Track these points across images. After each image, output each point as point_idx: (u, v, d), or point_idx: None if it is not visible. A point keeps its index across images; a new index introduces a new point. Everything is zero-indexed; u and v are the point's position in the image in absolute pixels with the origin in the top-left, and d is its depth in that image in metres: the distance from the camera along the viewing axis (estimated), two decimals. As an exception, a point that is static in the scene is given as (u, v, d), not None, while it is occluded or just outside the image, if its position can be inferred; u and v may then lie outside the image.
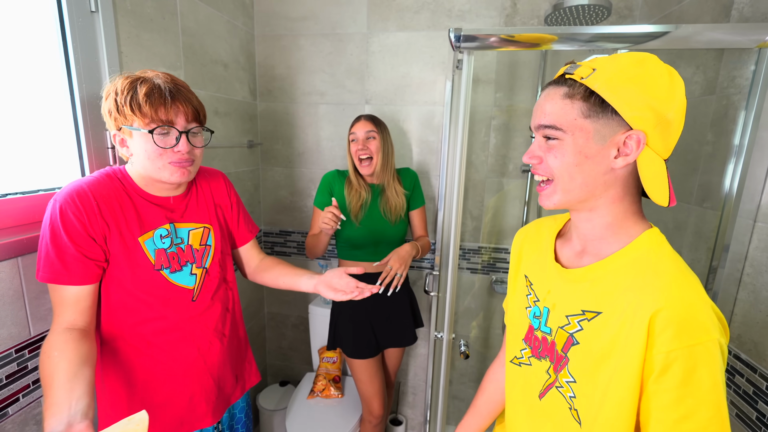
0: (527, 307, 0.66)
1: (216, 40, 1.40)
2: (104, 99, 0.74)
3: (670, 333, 0.46)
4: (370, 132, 1.30)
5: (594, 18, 1.17)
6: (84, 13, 0.91)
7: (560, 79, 0.54)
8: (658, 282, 0.49)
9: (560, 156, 0.53)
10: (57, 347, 0.66)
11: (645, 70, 0.49)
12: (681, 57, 1.14)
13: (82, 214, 0.70)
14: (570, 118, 0.51)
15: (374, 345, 1.41)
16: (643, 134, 0.49)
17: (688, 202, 1.07)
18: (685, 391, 0.46)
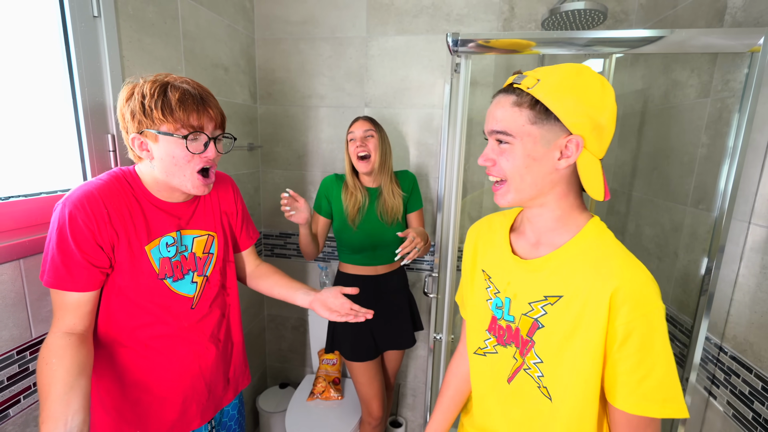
0: (488, 300, 0.70)
1: (216, 43, 1.42)
2: (124, 100, 0.72)
3: (628, 307, 0.54)
4: (368, 131, 1.31)
5: (590, 22, 1.18)
6: (86, 18, 0.92)
7: (509, 88, 0.60)
8: (612, 264, 0.57)
9: (511, 159, 0.59)
10: (55, 353, 0.66)
11: (581, 81, 0.56)
12: (676, 61, 1.15)
13: (92, 222, 0.69)
14: (519, 124, 0.57)
15: (373, 348, 1.41)
16: (582, 138, 0.56)
17: (683, 203, 1.08)
18: (643, 354, 0.54)
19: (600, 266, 0.57)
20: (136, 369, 0.79)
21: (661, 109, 1.22)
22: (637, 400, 0.55)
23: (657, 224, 1.21)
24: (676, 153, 1.14)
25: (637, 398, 0.55)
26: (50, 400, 0.62)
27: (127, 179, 0.77)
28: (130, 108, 0.71)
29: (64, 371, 0.64)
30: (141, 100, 0.70)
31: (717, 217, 0.90)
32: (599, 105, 0.56)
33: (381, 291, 1.42)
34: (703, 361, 0.97)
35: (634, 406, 0.55)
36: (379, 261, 1.40)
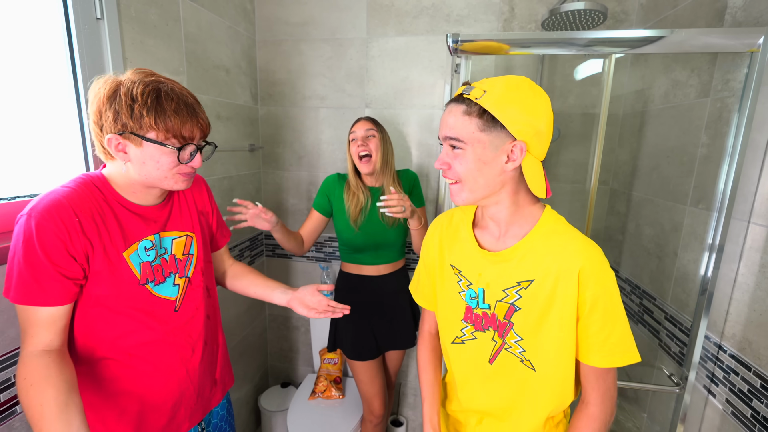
0: (460, 292, 0.76)
1: (218, 45, 1.43)
2: (104, 97, 0.67)
3: (593, 280, 0.64)
4: (370, 130, 1.31)
5: (590, 22, 1.18)
6: (90, 20, 0.93)
7: (459, 98, 0.66)
8: (573, 246, 0.66)
9: (464, 163, 0.65)
10: (39, 374, 0.62)
11: (522, 93, 0.63)
12: (676, 60, 1.16)
13: (63, 232, 0.64)
14: (469, 131, 0.63)
15: (374, 347, 1.42)
16: (525, 144, 0.63)
17: (683, 203, 1.09)
18: (607, 317, 0.65)
19: (564, 249, 0.66)
20: (121, 379, 0.76)
21: (661, 109, 1.22)
22: (605, 355, 0.66)
23: (657, 224, 1.21)
24: (676, 153, 1.14)
25: (604, 354, 0.66)
26: (47, 421, 0.59)
27: (96, 185, 0.72)
28: (114, 108, 0.67)
29: (54, 390, 0.61)
30: (129, 103, 0.66)
31: (716, 216, 0.91)
32: (539, 114, 0.63)
33: (383, 291, 1.42)
34: (703, 359, 0.97)
35: (603, 360, 0.66)
36: (381, 260, 1.41)
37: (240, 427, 1.80)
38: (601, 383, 0.68)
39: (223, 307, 1.56)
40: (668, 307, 1.14)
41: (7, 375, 0.78)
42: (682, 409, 0.98)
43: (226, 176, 1.54)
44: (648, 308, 1.24)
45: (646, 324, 1.25)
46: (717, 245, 0.91)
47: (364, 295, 1.42)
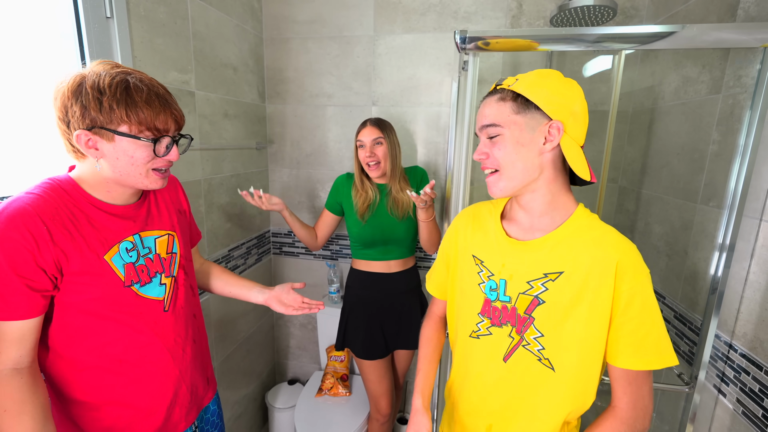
0: (480, 283, 0.74)
1: (225, 43, 1.43)
2: (68, 92, 0.63)
3: (630, 275, 0.62)
4: (378, 138, 1.31)
5: (600, 18, 1.17)
6: (100, 19, 0.94)
7: (493, 91, 0.68)
8: (610, 239, 0.65)
9: (502, 147, 0.65)
10: (12, 398, 0.60)
11: (552, 79, 0.65)
12: (687, 56, 1.14)
13: (31, 242, 0.60)
14: (505, 115, 0.65)
15: (383, 346, 1.42)
16: (561, 123, 0.63)
17: (694, 201, 1.08)
18: (644, 316, 0.62)
19: (599, 242, 0.65)
20: (112, 388, 0.74)
21: (672, 105, 1.21)
22: (640, 356, 0.62)
23: (666, 222, 1.20)
24: (686, 150, 1.13)
25: (639, 355, 0.62)
26: None
27: (65, 188, 0.68)
28: (81, 102, 0.62)
29: (30, 420, 0.60)
30: (97, 96, 0.62)
31: (728, 214, 0.90)
32: (571, 96, 0.64)
33: (393, 289, 1.42)
34: (713, 358, 0.96)
35: (638, 361, 0.63)
36: (390, 256, 1.41)
37: (247, 423, 1.81)
38: (634, 388, 0.64)
39: (229, 305, 1.57)
40: (678, 305, 1.13)
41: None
42: (691, 408, 0.98)
43: (234, 174, 1.55)
44: (657, 307, 1.23)
45: (655, 323, 1.24)
46: (728, 243, 0.90)
47: (374, 293, 1.42)
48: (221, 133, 1.45)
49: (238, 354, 1.66)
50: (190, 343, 0.86)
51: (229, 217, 1.53)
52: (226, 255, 1.53)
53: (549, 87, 0.63)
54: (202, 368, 0.91)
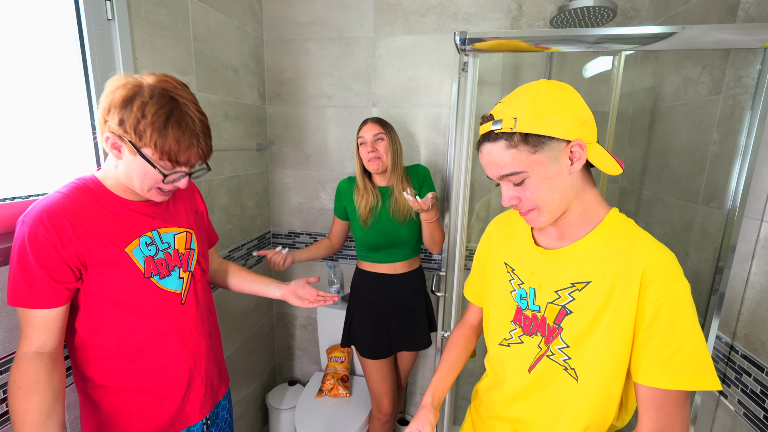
0: (512, 291, 0.73)
1: (226, 45, 1.44)
2: (120, 99, 0.67)
3: (656, 284, 0.57)
4: (378, 134, 1.32)
5: (599, 19, 1.17)
6: (101, 21, 0.94)
7: (490, 136, 0.62)
8: (640, 246, 0.60)
9: (534, 189, 0.62)
10: (29, 377, 0.65)
11: (550, 98, 0.59)
12: (687, 57, 1.14)
13: (55, 239, 0.66)
14: (522, 160, 0.60)
15: (387, 346, 1.42)
16: (582, 141, 0.60)
17: (694, 201, 1.07)
18: (673, 329, 0.56)
19: (628, 249, 0.61)
20: (131, 375, 0.79)
21: (672, 106, 1.21)
22: (669, 374, 0.56)
23: (667, 222, 1.20)
24: (686, 151, 1.13)
25: (668, 373, 0.56)
26: (26, 430, 0.63)
27: (89, 187, 0.74)
28: (123, 114, 0.66)
29: (39, 399, 0.65)
30: (139, 117, 0.66)
31: (728, 215, 0.89)
32: (575, 107, 0.60)
33: (398, 291, 1.43)
34: (714, 360, 0.96)
35: (666, 380, 0.56)
36: (395, 258, 1.41)
37: (248, 424, 1.81)
38: (661, 414, 0.56)
39: (231, 306, 1.57)
40: (679, 307, 1.12)
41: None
42: (692, 410, 0.97)
43: (234, 175, 1.55)
44: (658, 308, 1.23)
45: (656, 324, 1.23)
46: (729, 244, 0.89)
47: (379, 293, 1.42)
48: (222, 134, 1.45)
49: (238, 355, 1.66)
50: (206, 337, 0.90)
51: (230, 218, 1.54)
52: (227, 256, 1.53)
53: (553, 110, 0.59)
54: (217, 362, 0.95)
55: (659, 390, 0.57)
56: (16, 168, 0.82)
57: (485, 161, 0.64)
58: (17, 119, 0.82)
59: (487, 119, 0.63)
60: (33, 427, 0.63)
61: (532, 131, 0.58)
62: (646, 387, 0.58)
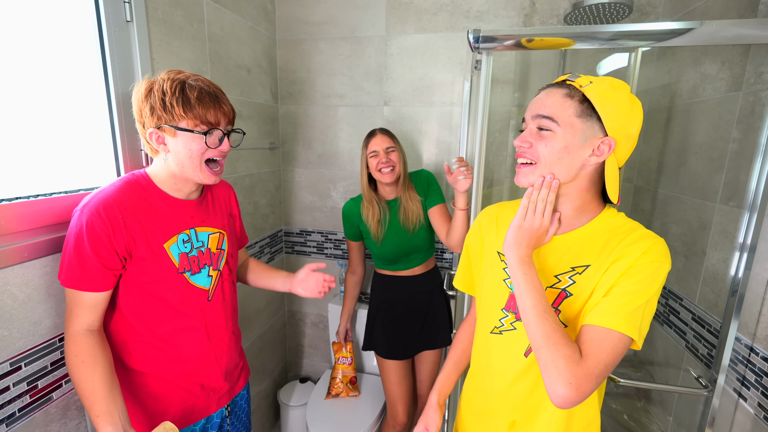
0: (505, 279, 0.74)
1: (240, 45, 1.45)
2: (143, 96, 0.76)
3: (648, 258, 0.60)
4: (390, 147, 1.31)
5: (615, 16, 1.16)
6: (120, 23, 0.96)
7: (561, 83, 0.65)
8: (639, 232, 0.64)
9: (550, 145, 0.64)
10: (88, 352, 0.73)
11: (622, 94, 0.63)
12: (706, 54, 1.12)
13: (109, 229, 0.73)
14: (566, 114, 0.63)
15: (407, 347, 1.43)
16: (615, 141, 0.62)
17: (713, 200, 1.05)
18: (634, 288, 0.59)
19: (627, 235, 0.64)
20: (157, 362, 0.84)
21: (689, 103, 1.19)
22: (604, 315, 0.59)
23: (684, 222, 1.18)
24: (705, 149, 1.10)
25: (604, 314, 0.59)
26: (98, 397, 0.71)
27: (141, 183, 0.81)
28: (150, 104, 0.75)
29: (102, 371, 0.73)
30: (161, 96, 0.74)
31: (749, 214, 0.87)
32: (634, 118, 0.63)
33: (416, 291, 1.43)
34: (733, 362, 0.94)
35: (599, 318, 0.59)
36: (413, 264, 1.42)
37: (260, 420, 1.83)
38: (593, 346, 0.58)
39: (244, 303, 1.59)
40: (696, 307, 1.10)
41: (44, 363, 0.82)
42: (710, 413, 0.96)
43: (248, 174, 1.57)
44: (674, 309, 1.21)
45: (673, 325, 1.21)
46: (749, 244, 0.87)
47: (398, 295, 1.43)
48: (235, 133, 1.47)
49: (251, 351, 1.68)
50: (229, 334, 0.95)
51: (243, 216, 1.55)
52: (240, 254, 1.55)
53: (617, 102, 0.62)
54: (238, 358, 1.00)
55: (591, 326, 0.60)
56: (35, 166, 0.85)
57: (536, 99, 0.67)
58: (39, 119, 0.84)
59: (568, 73, 0.67)
60: (102, 394, 0.71)
61: (593, 100, 0.61)
62: (586, 325, 0.61)
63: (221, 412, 0.95)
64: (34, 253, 0.78)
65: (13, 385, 0.76)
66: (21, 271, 0.77)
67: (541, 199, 0.65)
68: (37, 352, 0.80)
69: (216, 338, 0.91)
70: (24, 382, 0.78)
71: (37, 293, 0.80)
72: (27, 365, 0.78)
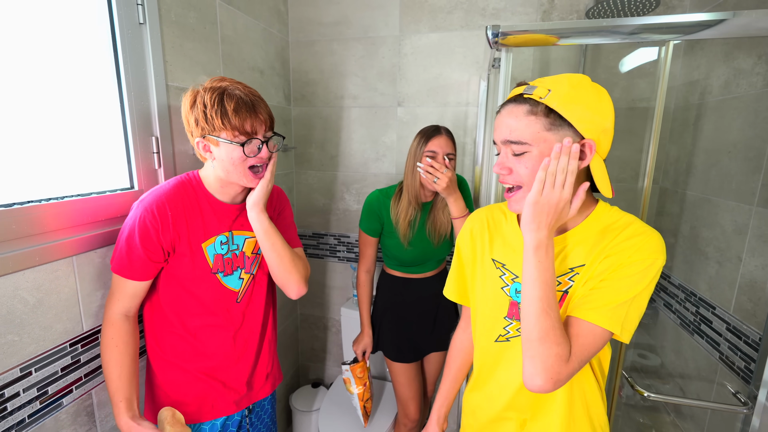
0: (503, 287, 0.72)
1: (253, 47, 1.44)
2: (189, 107, 0.80)
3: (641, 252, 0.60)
4: (451, 155, 1.19)
5: (640, 10, 1.10)
6: (133, 25, 0.95)
7: (518, 98, 0.62)
8: (633, 227, 0.62)
9: (530, 165, 0.61)
10: (121, 338, 0.81)
11: (587, 91, 0.60)
12: (740, 47, 1.05)
13: (158, 225, 0.79)
14: (534, 131, 0.60)
15: (416, 350, 1.40)
16: (594, 142, 0.60)
17: (749, 203, 0.99)
18: (623, 282, 0.59)
19: (623, 230, 0.62)
20: (182, 352, 0.88)
21: (721, 100, 1.12)
22: (587, 309, 0.60)
23: (716, 225, 1.11)
24: (739, 148, 1.04)
25: (587, 308, 0.60)
26: (123, 383, 0.80)
27: (192, 184, 0.86)
28: (194, 116, 0.79)
29: (130, 359, 0.82)
30: (203, 109, 0.78)
31: (792, 217, 0.81)
32: (604, 112, 0.61)
33: (426, 293, 1.39)
34: (775, 376, 0.88)
35: (582, 312, 0.60)
36: (428, 268, 1.39)
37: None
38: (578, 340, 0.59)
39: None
40: (731, 317, 1.04)
41: (55, 369, 0.81)
42: (750, 431, 0.89)
43: (260, 176, 1.55)
44: (706, 318, 1.14)
45: (704, 334, 1.14)
46: (792, 250, 0.81)
47: (407, 297, 1.39)
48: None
49: (263, 356, 1.67)
50: (256, 337, 0.96)
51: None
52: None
53: (584, 103, 0.59)
54: (268, 365, 1.01)
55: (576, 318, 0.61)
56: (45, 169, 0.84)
57: (500, 121, 0.64)
58: (52, 121, 0.84)
59: (521, 84, 0.64)
60: (127, 380, 0.80)
61: (558, 109, 0.58)
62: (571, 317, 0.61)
63: (242, 413, 0.97)
64: (46, 257, 0.77)
65: (23, 391, 0.75)
66: (32, 276, 0.76)
67: (560, 170, 0.59)
68: (48, 357, 0.79)
69: (241, 340, 0.93)
70: (34, 387, 0.77)
71: (48, 298, 0.79)
72: (37, 371, 0.78)
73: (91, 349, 0.88)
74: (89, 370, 0.88)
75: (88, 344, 0.87)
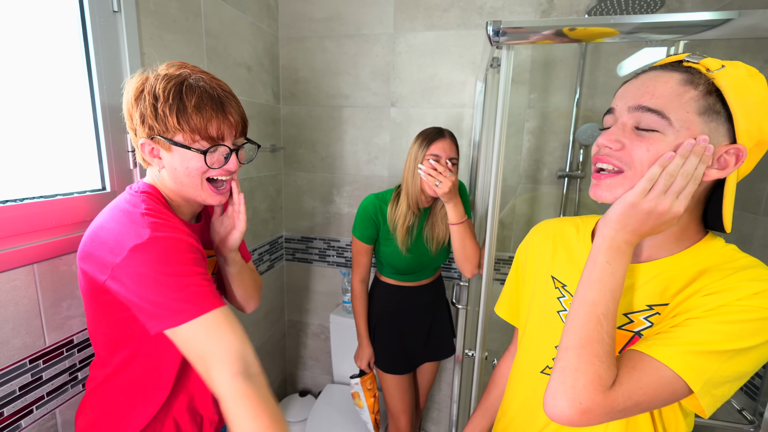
0: (560, 311, 0.61)
1: (240, 42, 1.38)
2: (132, 98, 0.62)
3: (748, 299, 0.44)
4: (454, 159, 1.12)
5: (644, 9, 1.07)
6: (106, 13, 0.88)
7: (675, 64, 0.47)
8: (755, 272, 0.46)
9: (653, 150, 0.46)
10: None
11: (760, 86, 0.45)
12: (746, 50, 1.02)
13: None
14: (683, 109, 0.45)
15: (409, 361, 1.35)
16: (746, 150, 0.45)
17: (754, 212, 0.95)
18: (727, 323, 0.44)
19: (741, 271, 0.47)
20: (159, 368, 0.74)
21: (725, 105, 1.09)
22: (655, 342, 0.46)
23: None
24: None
25: (655, 341, 0.46)
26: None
27: (161, 201, 0.68)
28: (140, 110, 0.62)
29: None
30: (153, 102, 0.60)
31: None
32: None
33: (420, 302, 1.34)
34: (783, 394, 0.84)
35: (647, 346, 0.46)
36: (424, 276, 1.33)
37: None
38: (633, 375, 0.45)
39: (241, 313, 1.51)
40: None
41: (12, 388, 0.73)
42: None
43: (247, 178, 1.49)
44: (708, 329, 1.10)
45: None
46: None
47: (400, 306, 1.34)
48: (234, 134, 1.39)
49: (248, 365, 1.60)
50: None
51: (241, 222, 1.48)
52: (237, 262, 1.46)
53: (757, 96, 0.45)
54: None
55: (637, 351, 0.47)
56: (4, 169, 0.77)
57: (637, 83, 0.49)
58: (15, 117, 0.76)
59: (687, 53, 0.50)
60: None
61: (727, 92, 0.44)
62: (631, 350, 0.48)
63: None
64: (0, 265, 0.70)
65: (-27, 414, 0.68)
66: (-16, 286, 0.68)
67: (683, 174, 0.44)
68: (3, 376, 0.72)
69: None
70: (-14, 410, 0.70)
71: (4, 310, 0.71)
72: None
73: (55, 365, 0.81)
74: (52, 388, 0.80)
75: (50, 359, 0.79)
